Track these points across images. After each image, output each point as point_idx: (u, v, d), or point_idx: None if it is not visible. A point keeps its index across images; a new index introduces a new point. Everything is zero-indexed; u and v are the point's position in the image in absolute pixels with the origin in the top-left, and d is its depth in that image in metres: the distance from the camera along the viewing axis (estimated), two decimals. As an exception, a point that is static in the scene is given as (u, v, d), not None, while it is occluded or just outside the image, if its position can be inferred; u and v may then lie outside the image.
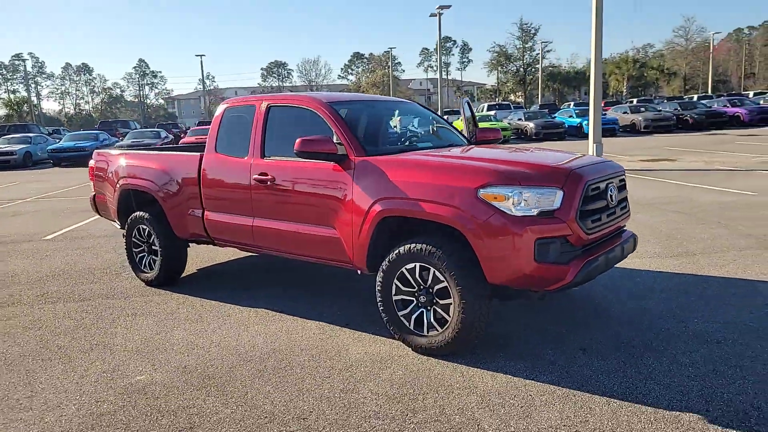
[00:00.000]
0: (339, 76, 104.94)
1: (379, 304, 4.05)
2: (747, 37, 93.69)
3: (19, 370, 3.98)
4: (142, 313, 5.07)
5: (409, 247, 3.80)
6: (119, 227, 6.24)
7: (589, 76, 16.69)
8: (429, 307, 3.85)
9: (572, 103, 39.84)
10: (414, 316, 3.91)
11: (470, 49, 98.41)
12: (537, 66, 61.48)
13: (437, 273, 3.71)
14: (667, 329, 4.16)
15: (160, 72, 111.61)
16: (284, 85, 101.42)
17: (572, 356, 3.78)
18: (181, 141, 24.13)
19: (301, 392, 3.46)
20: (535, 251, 3.43)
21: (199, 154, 5.34)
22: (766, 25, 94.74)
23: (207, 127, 17.31)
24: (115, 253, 7.44)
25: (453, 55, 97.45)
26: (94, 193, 6.57)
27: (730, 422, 2.91)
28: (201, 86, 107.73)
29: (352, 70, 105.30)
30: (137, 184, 5.78)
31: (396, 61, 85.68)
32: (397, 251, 3.88)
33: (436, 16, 31.04)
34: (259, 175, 4.70)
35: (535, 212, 3.46)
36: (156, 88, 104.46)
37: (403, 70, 75.68)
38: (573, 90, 71.47)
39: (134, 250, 6.00)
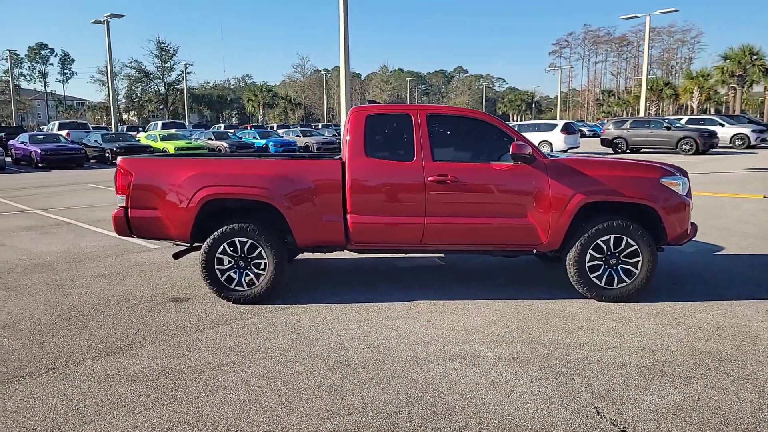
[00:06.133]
0: None
1: (573, 273, 5.30)
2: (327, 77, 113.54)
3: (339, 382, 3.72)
4: (323, 322, 4.83)
5: (608, 224, 5.23)
6: (188, 245, 5.26)
7: (230, 101, 18.75)
8: (615, 267, 5.33)
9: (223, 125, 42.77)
10: (605, 276, 5.33)
11: (73, 61, 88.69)
12: (178, 86, 60.54)
13: (629, 240, 5.26)
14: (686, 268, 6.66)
15: None
16: None
17: (669, 286, 5.84)
18: None
19: (602, 331, 4.56)
20: (689, 217, 5.40)
21: (338, 159, 5.29)
22: (337, 69, 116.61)
23: None
24: (80, 288, 5.82)
25: (52, 65, 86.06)
26: (124, 209, 5.22)
27: None
28: None
29: None
30: (242, 193, 5.17)
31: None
32: (596, 228, 5.24)
33: (103, 23, 28.18)
34: (437, 176, 5.20)
35: (684, 193, 5.43)
36: None
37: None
38: (216, 112, 72.97)
39: (218, 267, 5.23)
